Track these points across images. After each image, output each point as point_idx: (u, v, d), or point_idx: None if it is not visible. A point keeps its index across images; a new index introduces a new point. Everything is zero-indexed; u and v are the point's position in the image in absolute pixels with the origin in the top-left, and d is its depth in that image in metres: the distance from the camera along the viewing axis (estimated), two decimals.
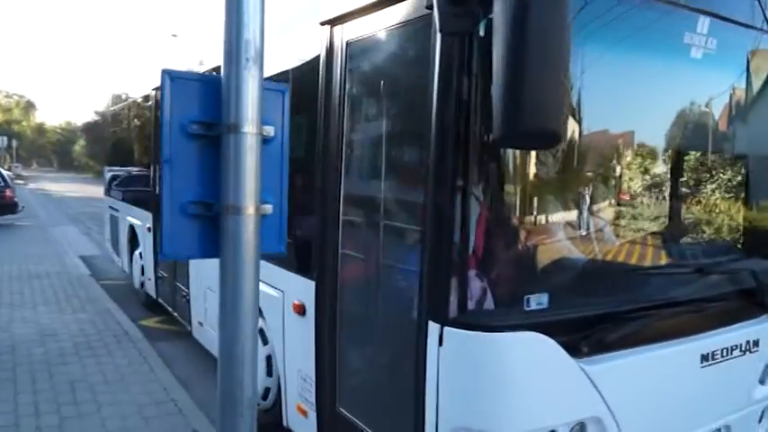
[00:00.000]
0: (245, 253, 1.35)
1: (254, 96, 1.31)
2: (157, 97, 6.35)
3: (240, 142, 1.31)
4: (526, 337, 2.24)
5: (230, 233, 1.33)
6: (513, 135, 1.81)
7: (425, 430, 2.35)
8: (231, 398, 1.35)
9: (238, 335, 1.36)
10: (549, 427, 2.28)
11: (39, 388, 4.59)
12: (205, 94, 1.33)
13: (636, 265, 2.73)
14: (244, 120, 1.31)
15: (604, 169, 2.70)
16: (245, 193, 1.33)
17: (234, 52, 1.26)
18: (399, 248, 2.71)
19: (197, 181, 1.34)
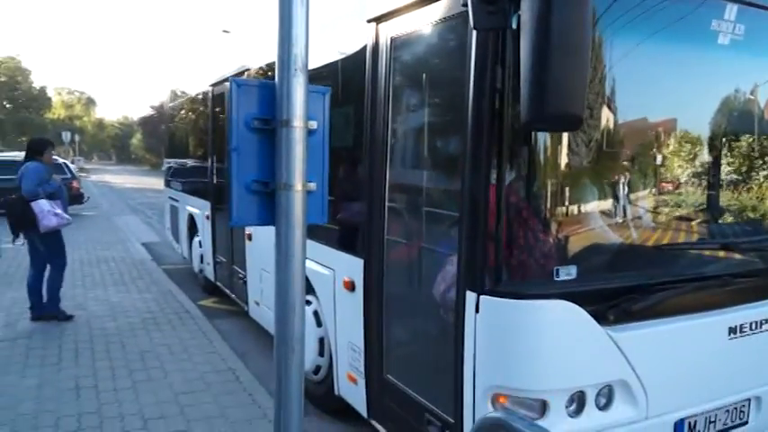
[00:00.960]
0: (295, 221, 1.66)
1: (301, 98, 1.63)
2: (213, 93, 6.74)
3: (291, 134, 1.63)
4: (555, 304, 2.45)
5: (283, 206, 1.65)
6: (539, 118, 2.01)
7: (464, 390, 2.60)
8: (284, 334, 1.66)
9: (290, 284, 1.67)
10: (577, 387, 2.49)
11: (113, 356, 5.06)
12: (263, 97, 1.66)
13: (659, 241, 2.89)
14: (293, 116, 1.62)
15: (631, 151, 2.87)
16: (294, 173, 1.64)
17: (286, 63, 1.60)
18: (439, 227, 2.95)
19: (257, 164, 1.67)
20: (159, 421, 3.86)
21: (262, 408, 4.10)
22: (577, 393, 2.50)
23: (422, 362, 3.12)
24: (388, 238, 3.25)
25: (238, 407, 4.12)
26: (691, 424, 2.77)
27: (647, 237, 2.85)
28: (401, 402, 3.24)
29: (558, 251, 2.56)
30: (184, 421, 3.87)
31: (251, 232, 5.55)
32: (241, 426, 3.83)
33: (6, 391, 4.25)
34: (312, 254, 3.99)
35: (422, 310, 3.13)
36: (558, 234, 2.58)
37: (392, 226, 3.25)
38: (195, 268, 8.16)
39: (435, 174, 2.73)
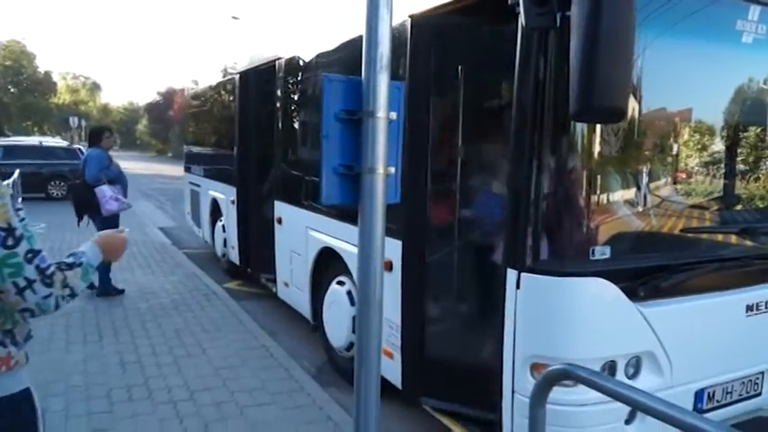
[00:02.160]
0: (377, 201, 1.89)
1: (384, 92, 1.86)
2: (243, 81, 6.93)
3: (375, 124, 1.85)
4: (591, 281, 2.68)
5: (367, 187, 1.88)
6: (586, 111, 2.22)
7: (504, 359, 2.83)
8: (367, 297, 1.90)
9: (373, 257, 1.91)
10: (608, 357, 2.72)
11: (150, 334, 5.31)
12: (349, 91, 1.88)
13: (684, 225, 3.11)
14: (378, 108, 1.84)
15: (661, 141, 3.08)
16: (378, 159, 1.86)
17: (372, 62, 1.85)
18: (478, 209, 3.17)
19: (344, 150, 1.89)
20: (204, 392, 4.11)
21: (298, 381, 4.34)
22: (609, 363, 2.73)
23: (459, 335, 3.35)
24: (428, 214, 3.48)
25: (276, 380, 4.36)
26: (710, 393, 3.00)
27: (675, 220, 3.07)
28: (438, 374, 3.48)
29: (593, 232, 2.79)
30: (228, 392, 4.12)
31: (280, 216, 5.77)
32: (281, 397, 4.07)
33: (54, 366, 4.48)
34: (347, 236, 4.25)
35: (460, 288, 3.36)
36: (594, 216, 2.80)
37: (431, 207, 3.47)
38: (218, 252, 8.39)
39: (475, 158, 2.94)
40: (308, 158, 5.48)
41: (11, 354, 1.62)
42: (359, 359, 1.95)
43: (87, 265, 1.72)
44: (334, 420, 3.74)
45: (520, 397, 2.78)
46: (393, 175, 1.90)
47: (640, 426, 2.79)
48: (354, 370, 1.98)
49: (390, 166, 1.87)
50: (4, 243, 1.51)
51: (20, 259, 1.52)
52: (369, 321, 1.91)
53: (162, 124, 55.61)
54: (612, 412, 2.68)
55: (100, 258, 1.81)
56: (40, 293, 1.54)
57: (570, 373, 1.84)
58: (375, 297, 1.89)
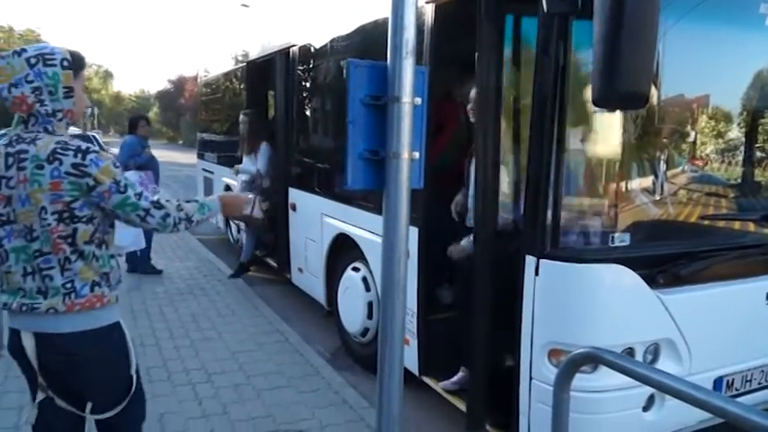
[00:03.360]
0: (402, 185, 1.90)
1: (410, 77, 1.86)
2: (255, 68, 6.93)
3: (401, 109, 1.86)
4: (610, 268, 2.67)
5: (393, 172, 1.88)
6: (609, 97, 2.19)
7: (521, 346, 2.84)
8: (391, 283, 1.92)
9: (397, 240, 1.92)
10: (627, 344, 2.72)
11: (167, 318, 5.37)
12: (374, 76, 1.88)
13: (704, 212, 3.10)
14: (403, 93, 1.85)
15: (682, 128, 3.06)
16: (403, 144, 1.87)
17: (398, 48, 1.85)
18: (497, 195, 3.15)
19: (369, 135, 1.90)
20: (221, 375, 4.16)
21: (314, 366, 4.39)
22: (627, 350, 2.72)
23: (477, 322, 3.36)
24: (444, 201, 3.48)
25: (291, 364, 4.41)
26: (729, 381, 2.99)
27: (694, 207, 3.05)
28: (454, 359, 3.50)
29: (613, 219, 2.78)
30: (244, 376, 4.17)
31: (294, 202, 5.79)
32: (296, 381, 4.12)
33: None
34: (363, 222, 4.26)
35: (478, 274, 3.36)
36: (614, 203, 2.79)
37: (447, 195, 3.48)
38: (232, 238, 8.44)
39: (494, 144, 2.92)
40: (323, 145, 5.48)
41: (104, 293, 2.01)
42: (382, 345, 1.97)
43: (203, 203, 2.19)
44: (349, 404, 3.77)
45: (537, 383, 2.79)
46: (417, 160, 1.90)
47: (658, 412, 2.79)
48: (378, 356, 2.00)
49: (415, 151, 1.87)
50: (118, 191, 1.94)
51: (132, 199, 1.97)
52: (393, 307, 1.92)
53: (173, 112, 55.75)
54: (630, 399, 2.69)
55: (219, 208, 2.25)
56: (157, 216, 2.02)
57: (596, 357, 1.85)
58: (399, 283, 1.91)
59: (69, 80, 1.95)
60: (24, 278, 1.94)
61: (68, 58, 1.96)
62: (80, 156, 1.89)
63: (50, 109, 1.93)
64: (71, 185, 1.88)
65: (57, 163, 1.87)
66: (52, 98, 1.93)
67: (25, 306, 1.94)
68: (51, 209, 1.88)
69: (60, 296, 1.93)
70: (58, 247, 1.91)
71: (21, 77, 1.89)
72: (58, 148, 1.88)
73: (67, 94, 1.96)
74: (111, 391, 2.10)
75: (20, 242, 1.92)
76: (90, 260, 1.97)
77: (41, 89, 1.91)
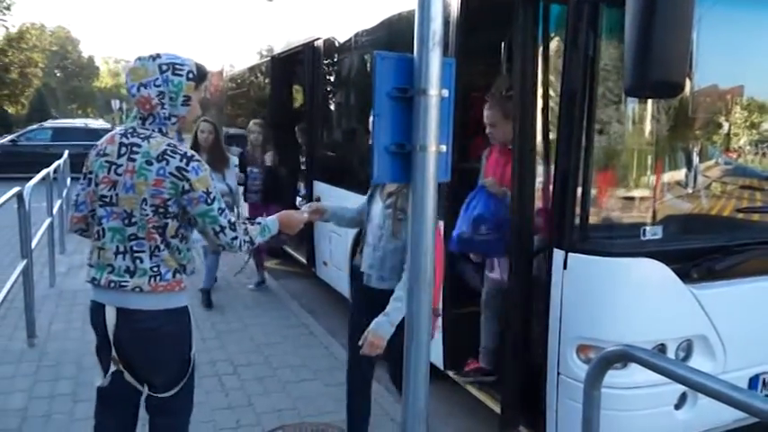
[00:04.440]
0: (429, 179, 1.86)
1: (437, 69, 1.82)
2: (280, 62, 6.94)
3: (428, 102, 1.82)
4: (642, 262, 2.61)
5: (419, 165, 1.85)
6: (642, 86, 2.13)
7: (548, 341, 2.79)
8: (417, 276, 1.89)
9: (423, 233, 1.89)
10: (659, 340, 2.65)
11: (194, 310, 5.33)
12: (401, 68, 1.85)
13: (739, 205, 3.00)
14: (430, 86, 1.81)
15: (716, 118, 2.96)
16: (430, 137, 1.84)
17: (425, 38, 1.80)
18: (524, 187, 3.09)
19: (395, 128, 1.87)
20: (247, 368, 4.20)
21: (339, 359, 4.38)
22: (659, 346, 2.66)
23: (504, 315, 3.32)
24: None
25: (317, 357, 4.42)
26: (765, 380, 2.91)
27: (729, 200, 2.95)
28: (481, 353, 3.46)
29: (644, 211, 2.71)
30: (270, 368, 4.20)
31: (319, 196, 5.79)
32: (322, 374, 4.13)
33: None
34: None
35: (504, 266, 3.32)
36: (645, 195, 2.72)
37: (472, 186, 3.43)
38: None
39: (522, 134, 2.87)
40: (347, 138, 5.47)
41: (182, 280, 2.22)
42: (408, 339, 1.94)
43: (265, 226, 2.38)
44: (373, 397, 3.76)
45: (565, 378, 2.74)
46: (444, 153, 1.87)
47: (690, 411, 2.73)
48: (404, 350, 1.98)
49: (442, 144, 1.84)
50: (206, 201, 2.12)
51: (215, 213, 2.15)
52: (419, 302, 1.89)
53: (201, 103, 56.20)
54: (662, 396, 2.63)
55: (277, 227, 2.44)
56: (229, 236, 2.19)
57: (630, 355, 1.80)
58: (425, 277, 1.87)
59: (191, 90, 2.15)
60: (116, 256, 2.15)
61: (194, 71, 2.16)
62: (185, 161, 2.10)
63: (168, 113, 2.13)
64: (171, 185, 2.08)
65: (164, 163, 2.08)
66: (172, 104, 2.13)
67: (113, 282, 2.15)
68: (151, 201, 2.09)
69: (147, 277, 2.13)
70: (151, 236, 2.13)
71: (151, 80, 2.09)
72: (169, 150, 2.09)
73: (185, 103, 2.16)
74: (173, 370, 2.29)
75: (117, 223, 2.14)
76: (174, 251, 2.18)
77: (165, 94, 2.11)
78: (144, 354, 2.22)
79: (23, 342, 4.53)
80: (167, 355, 2.26)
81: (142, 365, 2.25)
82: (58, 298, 5.72)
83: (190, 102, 2.16)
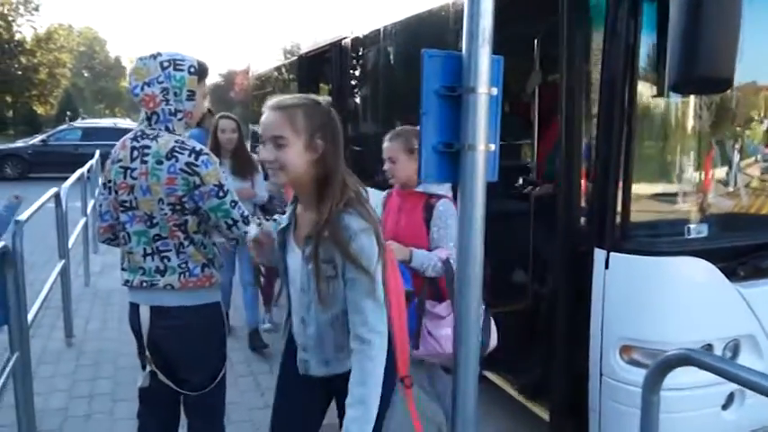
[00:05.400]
0: (478, 178, 1.84)
1: (486, 66, 1.79)
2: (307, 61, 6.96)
3: (476, 100, 1.79)
4: (687, 261, 2.54)
5: (468, 165, 1.82)
6: (688, 81, 2.07)
7: (590, 342, 2.74)
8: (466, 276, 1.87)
9: (473, 234, 1.87)
10: (705, 341, 2.59)
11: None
12: (449, 66, 1.82)
13: None
14: (479, 83, 1.78)
15: (760, 114, 2.88)
16: (479, 136, 1.81)
17: (474, 35, 1.77)
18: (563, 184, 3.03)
19: (443, 127, 1.85)
20: None
21: None
22: (705, 346, 2.60)
23: (539, 316, 3.28)
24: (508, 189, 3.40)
25: None
26: None
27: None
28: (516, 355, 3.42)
29: (689, 209, 2.64)
30: None
31: None
32: None
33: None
34: None
35: (540, 267, 3.28)
36: (689, 192, 2.65)
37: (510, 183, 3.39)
38: None
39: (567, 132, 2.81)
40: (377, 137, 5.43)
41: (213, 274, 2.23)
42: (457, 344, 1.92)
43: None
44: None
45: (608, 380, 2.69)
46: (492, 152, 1.84)
47: (738, 411, 2.66)
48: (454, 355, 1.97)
49: (491, 143, 1.81)
50: (217, 195, 2.12)
51: (227, 206, 2.15)
52: (467, 305, 1.87)
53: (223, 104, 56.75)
54: (709, 397, 2.57)
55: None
56: (242, 229, 2.16)
57: (693, 359, 1.75)
58: (474, 280, 1.85)
59: (193, 85, 2.16)
60: (144, 258, 2.18)
61: (195, 66, 2.17)
62: (194, 156, 2.10)
63: (173, 108, 2.14)
64: (183, 181, 2.08)
65: (173, 160, 2.08)
66: (176, 99, 2.14)
67: (145, 282, 2.19)
68: (167, 200, 2.10)
69: (176, 275, 2.17)
70: (173, 234, 2.15)
71: (153, 78, 2.12)
72: (177, 147, 2.10)
73: (190, 97, 2.16)
74: (208, 367, 2.30)
75: (141, 227, 2.16)
76: (199, 246, 2.20)
77: (168, 90, 2.12)
78: (178, 350, 2.23)
79: (61, 342, 4.62)
80: (201, 352, 2.27)
81: (177, 363, 2.26)
82: (93, 297, 5.81)
83: (194, 96, 2.17)
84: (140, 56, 2.17)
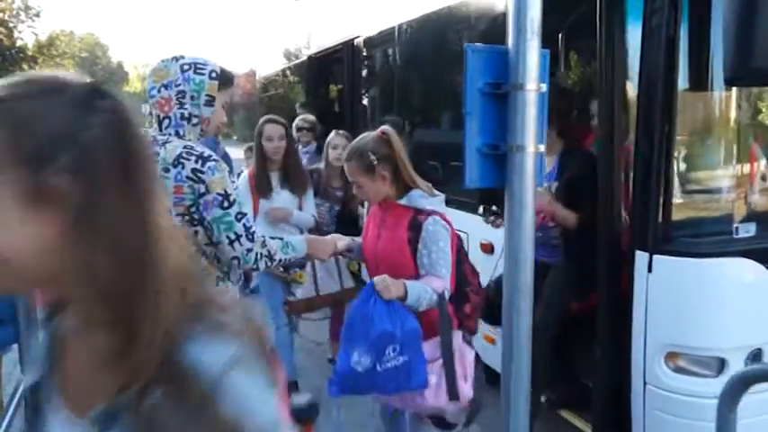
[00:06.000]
0: (527, 181, 1.72)
1: (535, 61, 1.68)
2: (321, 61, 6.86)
3: (525, 97, 1.68)
4: (735, 262, 2.42)
5: (517, 167, 1.71)
6: (745, 74, 1.95)
7: (632, 349, 2.62)
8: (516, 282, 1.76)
9: (523, 240, 1.75)
10: (754, 345, 2.46)
11: None
12: (494, 62, 1.70)
13: None
14: (528, 80, 1.67)
15: None
16: (528, 136, 1.69)
17: (522, 27, 1.65)
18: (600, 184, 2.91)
19: (487, 127, 1.72)
20: None
21: None
22: (755, 351, 2.48)
23: (573, 321, 3.16)
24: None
25: None
26: None
27: None
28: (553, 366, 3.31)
29: (735, 208, 2.52)
30: None
31: None
32: None
33: None
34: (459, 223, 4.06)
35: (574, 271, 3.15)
36: (737, 190, 2.53)
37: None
38: None
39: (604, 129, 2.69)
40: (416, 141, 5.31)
41: (229, 288, 2.03)
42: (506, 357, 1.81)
43: (288, 243, 2.11)
44: None
45: (653, 388, 2.57)
46: (540, 152, 1.72)
47: None
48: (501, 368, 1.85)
49: (540, 143, 1.69)
50: (221, 205, 1.92)
51: (231, 218, 1.93)
52: (518, 314, 1.77)
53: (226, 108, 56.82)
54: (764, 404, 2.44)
55: (304, 249, 2.15)
56: (245, 246, 1.94)
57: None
58: (524, 287, 1.75)
59: (213, 90, 2.03)
60: None
61: (217, 71, 2.05)
62: (200, 162, 1.94)
63: (187, 112, 2.01)
64: (189, 189, 1.94)
65: (180, 167, 1.94)
66: (193, 103, 2.01)
67: None
68: (175, 211, 1.95)
69: None
70: None
71: (172, 81, 2.01)
72: (183, 153, 1.96)
73: (208, 103, 2.03)
74: None
75: None
76: (212, 259, 2.04)
77: (185, 93, 2.00)
78: None
79: None
80: None
81: None
82: None
83: (213, 102, 2.04)
84: (163, 57, 2.07)
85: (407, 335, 1.99)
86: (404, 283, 2.04)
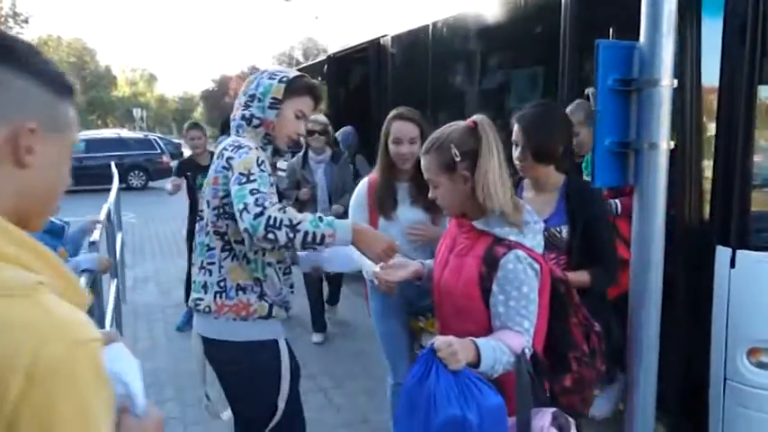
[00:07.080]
0: (660, 180, 1.70)
1: (670, 56, 1.66)
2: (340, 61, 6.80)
3: (659, 94, 1.65)
4: None
5: (649, 165, 1.68)
6: None
7: (712, 344, 2.59)
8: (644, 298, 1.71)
9: (653, 241, 1.72)
10: None
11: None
12: (624, 57, 1.66)
13: None
14: (662, 75, 1.64)
15: None
16: (662, 133, 1.67)
17: (659, 21, 1.61)
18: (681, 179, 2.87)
19: (616, 125, 1.69)
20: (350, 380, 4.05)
21: None
22: None
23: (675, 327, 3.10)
24: None
25: None
26: None
27: None
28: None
29: None
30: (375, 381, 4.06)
31: None
32: None
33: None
34: None
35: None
36: None
37: None
38: None
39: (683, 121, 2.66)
40: None
41: (250, 300, 1.86)
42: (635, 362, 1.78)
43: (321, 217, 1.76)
44: None
45: (734, 385, 2.55)
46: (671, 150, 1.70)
47: None
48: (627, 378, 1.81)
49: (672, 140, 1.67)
50: (239, 182, 1.75)
51: (245, 192, 1.72)
52: (648, 319, 1.74)
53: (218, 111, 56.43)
54: None
55: (349, 236, 1.76)
56: (252, 212, 1.67)
57: None
58: (653, 291, 1.71)
59: (279, 93, 1.94)
60: (199, 271, 1.99)
61: (288, 76, 1.98)
62: (235, 151, 1.86)
63: (248, 113, 1.95)
64: (223, 179, 1.87)
65: (220, 159, 1.90)
66: (258, 104, 1.95)
67: (194, 301, 1.99)
68: (212, 204, 1.92)
69: (212, 293, 1.93)
70: (216, 243, 1.93)
71: (248, 88, 2.00)
72: (227, 146, 1.91)
73: (273, 105, 1.95)
74: (250, 412, 2.04)
75: (201, 237, 2.00)
76: (241, 260, 1.90)
77: (254, 96, 1.96)
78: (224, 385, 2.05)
79: None
80: (238, 396, 2.04)
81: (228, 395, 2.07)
82: (135, 314, 5.64)
83: (278, 105, 1.93)
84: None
85: (488, 416, 1.44)
86: (474, 343, 1.55)
